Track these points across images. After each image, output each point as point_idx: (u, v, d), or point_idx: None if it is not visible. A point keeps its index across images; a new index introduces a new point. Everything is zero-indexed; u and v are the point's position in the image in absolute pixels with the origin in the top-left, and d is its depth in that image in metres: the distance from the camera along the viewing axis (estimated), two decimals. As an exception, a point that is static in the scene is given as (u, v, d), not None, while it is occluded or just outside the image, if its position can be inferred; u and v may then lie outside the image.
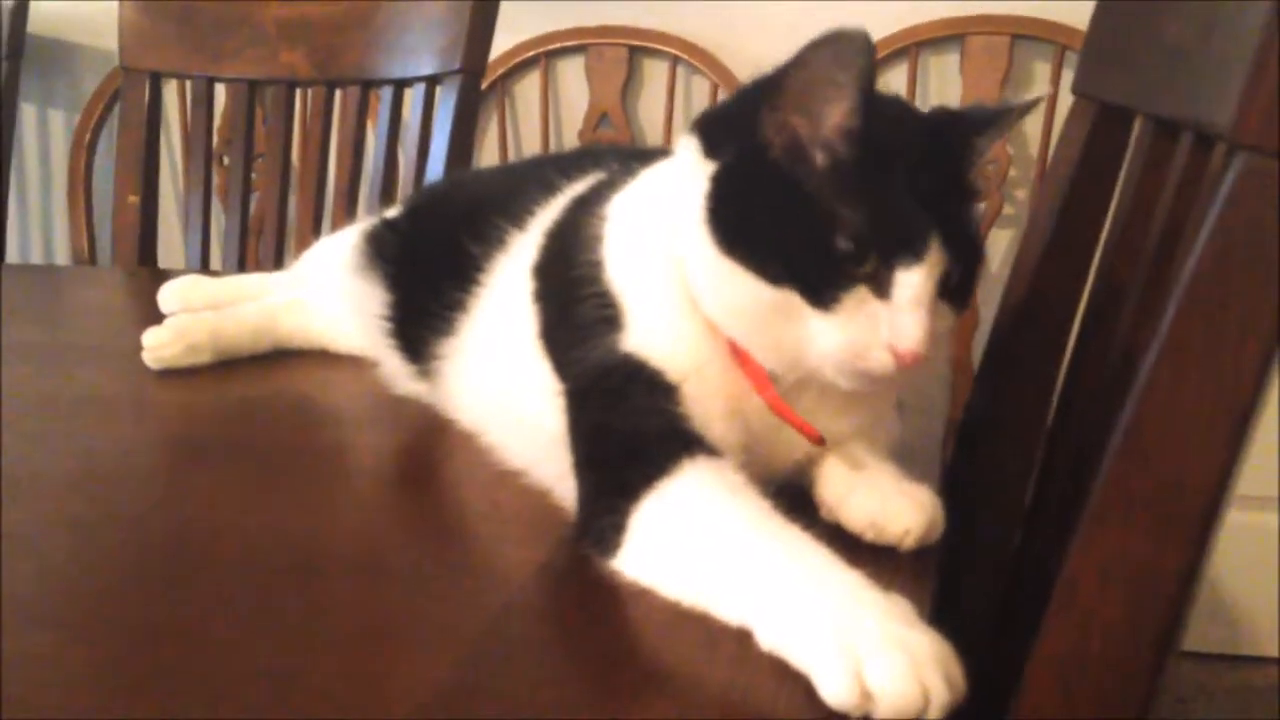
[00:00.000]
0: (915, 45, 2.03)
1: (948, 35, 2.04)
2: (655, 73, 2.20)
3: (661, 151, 0.80)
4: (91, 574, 0.67)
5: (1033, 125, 2.03)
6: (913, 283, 0.63)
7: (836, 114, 0.64)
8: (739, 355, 0.69)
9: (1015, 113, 0.72)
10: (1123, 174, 0.91)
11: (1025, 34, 2.00)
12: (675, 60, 2.14)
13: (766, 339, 0.67)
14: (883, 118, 0.66)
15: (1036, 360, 0.98)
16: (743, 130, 0.67)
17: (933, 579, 0.64)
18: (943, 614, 0.62)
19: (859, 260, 0.63)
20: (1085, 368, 0.89)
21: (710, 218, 0.67)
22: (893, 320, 0.63)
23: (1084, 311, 0.94)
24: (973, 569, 0.96)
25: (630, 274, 0.72)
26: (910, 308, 0.63)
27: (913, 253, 0.63)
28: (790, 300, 0.64)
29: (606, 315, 0.71)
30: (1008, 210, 2.05)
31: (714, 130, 0.70)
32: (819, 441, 0.70)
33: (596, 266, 0.73)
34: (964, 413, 1.08)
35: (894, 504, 0.67)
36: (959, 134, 0.70)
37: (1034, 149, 2.02)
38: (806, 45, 0.63)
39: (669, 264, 0.70)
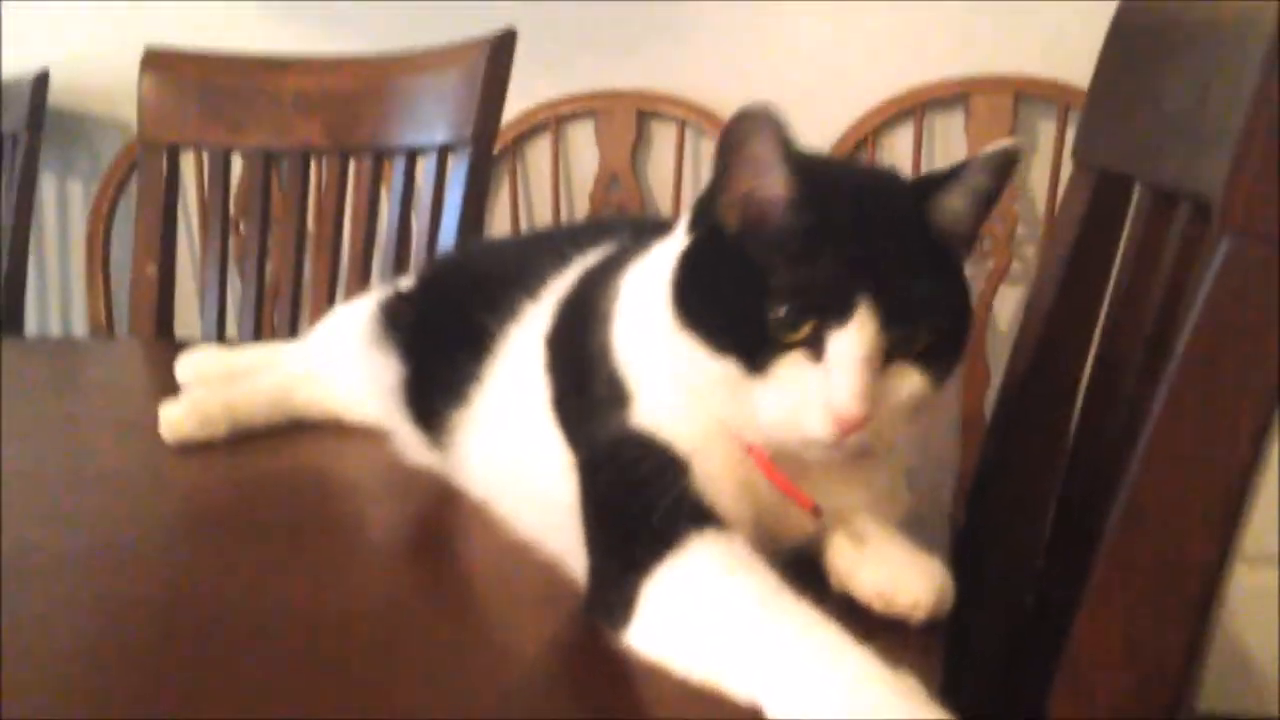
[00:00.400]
0: (920, 105, 2.05)
1: (953, 95, 2.06)
2: (664, 135, 2.23)
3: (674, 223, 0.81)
4: (106, 651, 0.67)
5: (1038, 182, 2.04)
6: (843, 345, 0.64)
7: (769, 186, 0.66)
8: None
9: (976, 165, 0.69)
10: (1124, 238, 0.92)
11: (1029, 93, 2.03)
12: (683, 123, 2.17)
13: (725, 409, 0.68)
14: (826, 185, 0.67)
15: (1045, 413, 0.99)
16: (708, 211, 0.69)
17: (941, 653, 0.65)
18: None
19: (791, 327, 0.64)
20: (1094, 424, 0.90)
21: (671, 294, 0.69)
22: (825, 383, 0.64)
23: (1092, 368, 0.95)
24: (983, 608, 0.96)
25: (637, 349, 0.73)
26: (842, 370, 0.64)
27: (839, 315, 0.64)
28: (730, 370, 0.66)
29: (617, 390, 0.72)
30: (1016, 266, 2.06)
31: (696, 209, 0.71)
32: (815, 511, 0.71)
33: (607, 340, 0.74)
34: (977, 464, 1.09)
35: (903, 576, 0.67)
36: (913, 195, 0.69)
37: (1040, 206, 2.04)
38: (723, 129, 0.66)
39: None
